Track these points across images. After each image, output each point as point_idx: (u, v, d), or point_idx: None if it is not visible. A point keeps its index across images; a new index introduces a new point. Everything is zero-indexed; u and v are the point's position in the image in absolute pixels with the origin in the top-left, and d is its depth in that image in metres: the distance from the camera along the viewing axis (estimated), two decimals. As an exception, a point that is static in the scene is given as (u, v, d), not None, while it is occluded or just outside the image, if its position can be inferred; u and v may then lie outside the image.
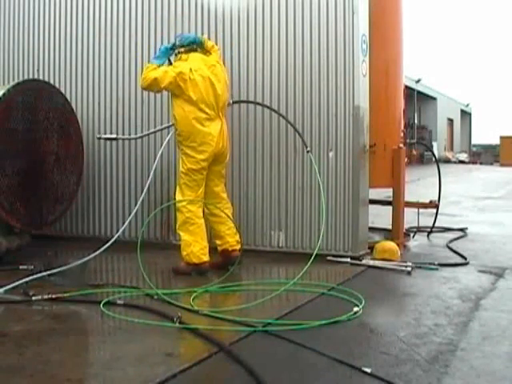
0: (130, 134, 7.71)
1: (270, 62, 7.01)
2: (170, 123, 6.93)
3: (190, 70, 5.92)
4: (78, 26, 8.04)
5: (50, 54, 8.21)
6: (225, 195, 6.42)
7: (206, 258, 6.02)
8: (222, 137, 6.13)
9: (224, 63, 6.75)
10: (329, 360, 3.68)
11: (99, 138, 7.11)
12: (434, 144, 42.39)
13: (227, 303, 5.32)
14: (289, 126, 6.86)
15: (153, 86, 6.06)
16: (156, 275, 6.03)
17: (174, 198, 6.18)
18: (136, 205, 6.55)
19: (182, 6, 7.44)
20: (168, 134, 6.85)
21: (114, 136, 7.16)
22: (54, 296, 4.95)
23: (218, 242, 6.30)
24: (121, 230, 6.34)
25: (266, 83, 7.03)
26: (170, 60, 6.21)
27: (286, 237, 6.96)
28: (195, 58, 6.09)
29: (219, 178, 6.33)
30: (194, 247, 5.96)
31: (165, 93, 7.24)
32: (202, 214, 6.09)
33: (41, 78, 8.05)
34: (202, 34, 7.11)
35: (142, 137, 7.47)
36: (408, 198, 8.00)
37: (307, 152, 6.55)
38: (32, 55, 8.33)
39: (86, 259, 5.84)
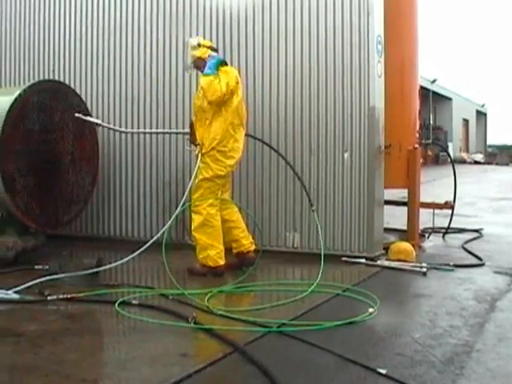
0: (144, 135, 7.73)
1: (285, 63, 7.00)
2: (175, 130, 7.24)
3: (236, 77, 6.08)
4: (93, 26, 8.06)
5: (66, 55, 8.24)
6: (230, 199, 6.52)
7: (222, 262, 6.02)
8: (243, 146, 6.28)
9: (238, 64, 6.91)
10: (343, 361, 3.67)
11: (77, 117, 6.61)
12: (450, 145, 42.09)
13: (243, 304, 5.32)
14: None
15: (220, 99, 5.90)
16: (171, 275, 6.03)
17: (190, 200, 6.18)
18: (177, 208, 6.28)
19: (194, 6, 7.42)
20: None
21: (97, 121, 6.89)
22: (69, 296, 4.96)
23: (233, 244, 6.32)
24: (160, 232, 5.99)
25: (281, 84, 7.02)
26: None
27: (301, 237, 6.95)
28: (232, 70, 6.23)
29: (228, 184, 6.43)
30: (211, 251, 5.96)
31: (177, 94, 7.30)
32: (219, 217, 6.10)
33: (56, 78, 8.09)
34: (215, 34, 7.14)
35: (132, 133, 7.52)
36: (423, 198, 7.96)
37: (312, 211, 6.62)
38: (47, 56, 8.36)
39: (126, 259, 5.73)
